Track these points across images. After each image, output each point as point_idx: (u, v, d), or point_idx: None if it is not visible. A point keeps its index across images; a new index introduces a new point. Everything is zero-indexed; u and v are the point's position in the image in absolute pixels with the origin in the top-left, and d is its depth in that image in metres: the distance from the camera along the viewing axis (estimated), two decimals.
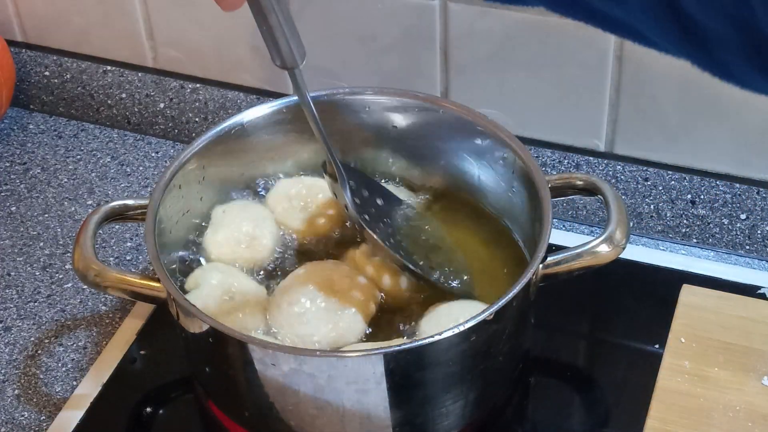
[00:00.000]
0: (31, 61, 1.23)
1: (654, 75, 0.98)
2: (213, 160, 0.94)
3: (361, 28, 1.06)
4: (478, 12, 1.00)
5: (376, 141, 0.99)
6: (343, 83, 1.08)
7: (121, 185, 1.15)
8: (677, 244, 1.05)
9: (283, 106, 0.97)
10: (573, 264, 0.86)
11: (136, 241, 1.08)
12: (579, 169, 1.06)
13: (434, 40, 1.04)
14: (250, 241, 0.93)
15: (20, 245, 1.08)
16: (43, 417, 0.92)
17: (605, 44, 0.97)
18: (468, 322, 0.77)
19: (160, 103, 1.20)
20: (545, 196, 0.86)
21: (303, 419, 0.82)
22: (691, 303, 0.93)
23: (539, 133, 1.06)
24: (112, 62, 1.20)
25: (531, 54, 1.01)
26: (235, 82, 1.15)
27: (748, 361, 0.88)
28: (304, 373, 0.78)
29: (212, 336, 0.81)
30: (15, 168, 1.18)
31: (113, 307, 1.01)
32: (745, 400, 0.86)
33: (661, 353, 0.90)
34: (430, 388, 0.81)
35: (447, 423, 0.84)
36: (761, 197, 1.00)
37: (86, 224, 0.88)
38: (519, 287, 0.79)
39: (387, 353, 0.77)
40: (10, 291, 1.03)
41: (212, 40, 1.13)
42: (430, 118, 0.96)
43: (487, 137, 0.93)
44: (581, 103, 1.02)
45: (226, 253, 0.92)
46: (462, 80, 1.05)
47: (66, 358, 0.97)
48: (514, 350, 0.87)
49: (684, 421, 0.85)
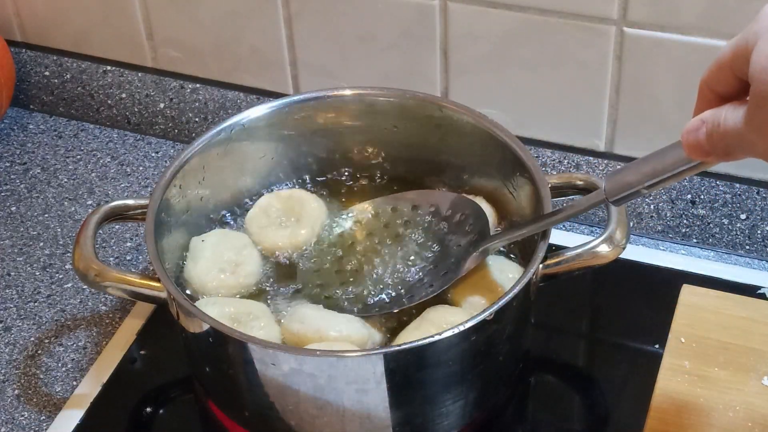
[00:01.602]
0: (31, 61, 1.23)
1: (654, 75, 0.98)
2: (213, 160, 0.94)
3: (361, 28, 1.06)
4: (478, 12, 1.00)
5: (376, 141, 0.99)
6: (343, 83, 1.08)
7: (121, 185, 1.15)
8: (677, 244, 1.05)
9: (283, 106, 0.97)
10: (573, 264, 0.86)
11: (136, 241, 1.08)
12: (579, 169, 1.06)
13: (434, 40, 1.04)
14: (233, 268, 0.92)
15: (20, 245, 1.08)
16: (43, 417, 0.92)
17: (605, 44, 0.97)
18: (468, 322, 0.77)
19: (160, 103, 1.20)
20: (545, 196, 0.86)
21: (303, 419, 0.82)
22: (691, 303, 0.93)
23: (539, 133, 1.06)
24: (112, 62, 1.20)
25: (531, 54, 1.01)
26: (235, 82, 1.15)
27: (748, 361, 0.88)
28: (304, 373, 0.78)
29: (212, 336, 0.81)
30: (15, 168, 1.18)
31: (113, 307, 1.01)
32: (745, 400, 0.86)
33: (661, 353, 0.90)
34: (430, 388, 0.81)
35: (447, 423, 0.84)
36: (761, 197, 1.00)
37: (86, 224, 0.88)
38: (519, 287, 0.79)
39: (387, 353, 0.77)
40: (10, 291, 1.03)
41: (212, 40, 1.13)
42: (431, 118, 0.96)
43: (488, 137, 0.93)
44: (581, 103, 1.02)
45: (209, 282, 0.90)
46: (462, 80, 1.05)
47: (66, 358, 0.97)
48: (514, 350, 0.87)
49: (684, 421, 0.85)
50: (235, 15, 1.11)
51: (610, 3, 0.95)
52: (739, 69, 0.60)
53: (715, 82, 0.62)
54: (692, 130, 0.63)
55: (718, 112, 0.61)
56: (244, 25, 1.10)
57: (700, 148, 0.62)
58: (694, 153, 0.63)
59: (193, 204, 0.94)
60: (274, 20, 1.09)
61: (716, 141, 0.61)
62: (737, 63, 0.60)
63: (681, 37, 0.94)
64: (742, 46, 0.59)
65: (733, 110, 0.60)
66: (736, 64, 0.60)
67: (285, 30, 1.09)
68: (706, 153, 0.62)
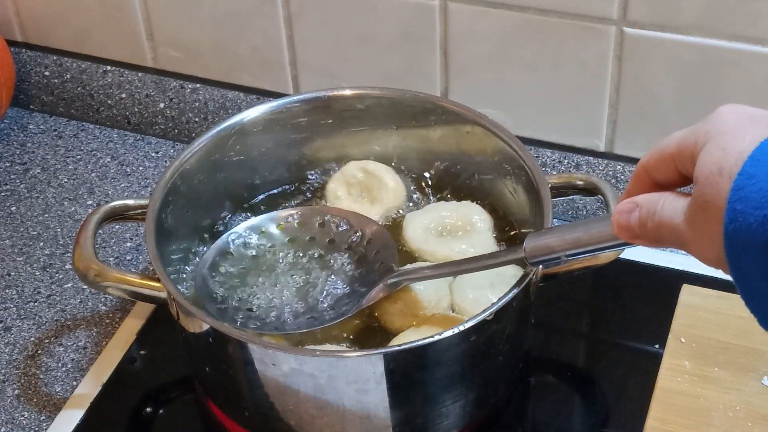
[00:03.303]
0: (31, 61, 1.23)
1: (654, 75, 0.98)
2: (213, 160, 0.94)
3: (361, 28, 1.06)
4: (478, 12, 1.00)
5: (376, 141, 1.00)
6: (343, 83, 1.08)
7: (121, 185, 1.15)
8: None
9: (283, 106, 0.97)
10: (573, 264, 0.86)
11: (136, 241, 1.08)
12: (579, 169, 1.06)
13: (434, 40, 1.04)
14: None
15: (20, 245, 1.08)
16: (43, 417, 0.92)
17: (605, 44, 0.97)
18: (468, 322, 0.77)
19: (160, 103, 1.20)
20: (545, 196, 0.86)
21: (303, 419, 0.82)
22: (691, 303, 0.93)
23: (539, 133, 1.06)
24: (112, 62, 1.20)
25: (531, 54, 1.01)
26: (235, 82, 1.15)
27: (748, 361, 0.88)
28: (304, 373, 0.78)
29: (212, 336, 0.81)
30: (15, 168, 1.18)
31: (113, 307, 1.01)
32: (745, 400, 0.86)
33: (661, 353, 0.90)
34: (430, 388, 0.81)
35: (447, 423, 0.84)
36: None
37: (86, 224, 0.88)
38: (519, 287, 0.79)
39: (387, 353, 0.77)
40: (10, 291, 1.03)
41: (212, 40, 1.13)
42: (430, 117, 0.96)
43: (488, 137, 0.93)
44: (581, 103, 1.02)
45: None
46: (462, 80, 1.05)
47: (66, 358, 0.97)
48: (514, 350, 0.87)
49: (684, 421, 0.85)
50: (235, 15, 1.11)
51: (610, 3, 0.95)
52: (682, 164, 0.58)
53: (655, 170, 0.61)
54: (624, 212, 0.61)
55: (655, 199, 0.60)
56: (244, 25, 1.10)
57: (630, 231, 0.61)
58: (623, 234, 0.62)
59: (193, 204, 0.94)
60: (274, 20, 1.09)
61: (649, 228, 0.60)
62: (681, 158, 0.58)
63: (681, 37, 0.94)
64: (690, 143, 0.57)
65: (671, 202, 0.59)
66: (680, 159, 0.58)
67: (285, 30, 1.09)
68: (635, 237, 0.61)
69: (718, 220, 0.54)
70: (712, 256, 0.57)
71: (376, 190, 0.97)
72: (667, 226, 0.59)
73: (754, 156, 0.53)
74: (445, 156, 0.98)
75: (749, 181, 0.53)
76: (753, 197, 0.52)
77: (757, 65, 0.93)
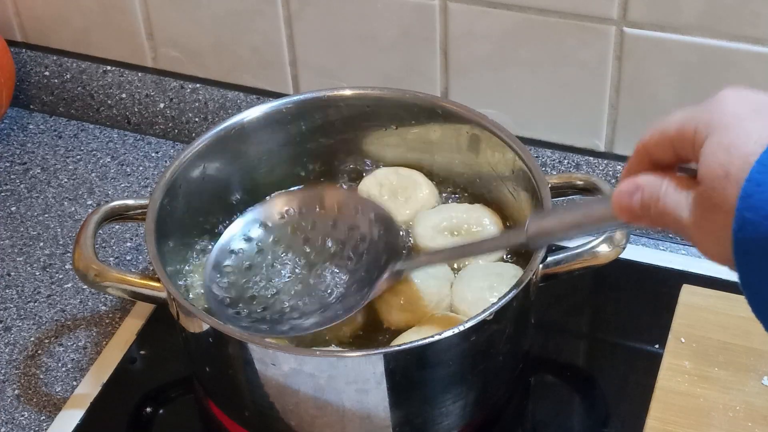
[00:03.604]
0: (31, 61, 1.23)
1: (654, 75, 0.98)
2: (213, 160, 0.94)
3: (361, 28, 1.06)
4: (478, 12, 1.00)
5: (376, 141, 1.00)
6: (343, 83, 1.08)
7: (121, 185, 1.15)
8: (677, 244, 1.05)
9: (283, 106, 0.97)
10: (573, 264, 0.86)
11: (136, 241, 1.08)
12: (579, 169, 1.06)
13: (434, 40, 1.04)
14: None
15: (20, 245, 1.08)
16: (43, 417, 0.92)
17: (605, 44, 0.97)
18: (468, 322, 0.77)
19: (160, 103, 1.20)
20: (545, 196, 0.86)
21: (303, 419, 0.82)
22: (691, 303, 0.93)
23: (539, 133, 1.06)
24: (112, 62, 1.20)
25: (531, 54, 1.01)
26: (235, 82, 1.15)
27: (748, 361, 0.88)
28: (304, 373, 0.78)
29: (212, 336, 0.81)
30: (15, 168, 1.18)
31: (113, 307, 1.01)
32: (745, 400, 0.86)
33: (661, 353, 0.90)
34: (430, 388, 0.81)
35: (447, 423, 0.84)
36: None
37: (86, 224, 0.88)
38: (519, 287, 0.79)
39: (387, 353, 0.77)
40: (10, 291, 1.03)
41: (212, 40, 1.13)
42: (431, 117, 0.96)
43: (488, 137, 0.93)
44: (581, 103, 1.02)
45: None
46: (462, 80, 1.05)
47: (66, 358, 0.97)
48: (514, 350, 0.87)
49: (684, 421, 0.85)
50: (235, 15, 1.11)
51: (610, 3, 0.95)
52: (681, 148, 0.58)
53: (654, 149, 0.60)
54: (625, 192, 0.60)
55: (658, 183, 0.58)
56: (244, 25, 1.10)
57: (631, 212, 0.60)
58: (624, 216, 0.61)
59: (193, 204, 0.94)
60: (274, 20, 1.09)
61: (653, 214, 0.59)
62: (680, 143, 0.57)
63: (681, 37, 0.94)
64: (690, 130, 0.57)
65: (675, 191, 0.58)
66: (679, 144, 0.58)
67: (285, 30, 1.09)
68: (637, 218, 0.60)
69: (726, 225, 0.53)
70: (717, 254, 0.56)
71: (411, 190, 0.98)
72: (670, 217, 0.58)
73: (762, 161, 0.52)
74: (445, 156, 0.98)
75: (758, 188, 0.52)
76: (762, 206, 0.52)
77: (757, 65, 0.93)
